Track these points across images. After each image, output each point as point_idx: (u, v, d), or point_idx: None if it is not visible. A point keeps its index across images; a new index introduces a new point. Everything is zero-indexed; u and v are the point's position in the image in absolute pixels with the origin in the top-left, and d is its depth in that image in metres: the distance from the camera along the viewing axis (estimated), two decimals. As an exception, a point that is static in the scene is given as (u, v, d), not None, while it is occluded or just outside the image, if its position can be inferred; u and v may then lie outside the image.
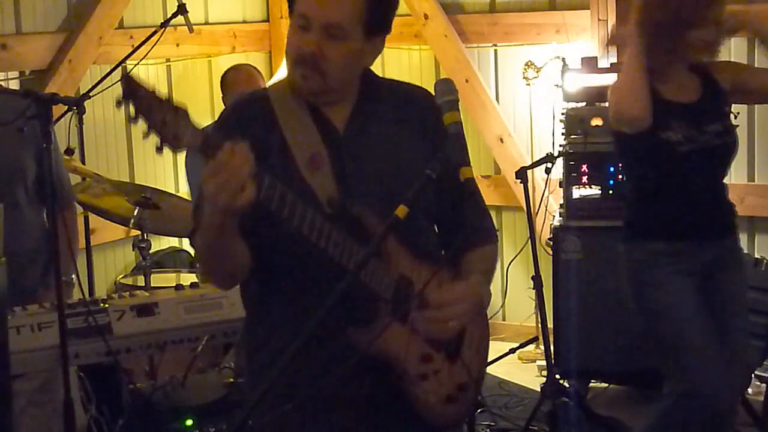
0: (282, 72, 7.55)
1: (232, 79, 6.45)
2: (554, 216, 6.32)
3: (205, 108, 7.55)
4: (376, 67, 3.00)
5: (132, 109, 2.50)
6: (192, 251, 6.47)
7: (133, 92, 2.50)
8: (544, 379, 5.45)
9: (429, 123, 3.00)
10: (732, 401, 4.49)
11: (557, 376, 5.79)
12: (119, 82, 2.53)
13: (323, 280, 2.77)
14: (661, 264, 4.39)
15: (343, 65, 2.85)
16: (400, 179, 2.79)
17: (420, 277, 2.92)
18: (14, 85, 6.22)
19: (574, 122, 6.02)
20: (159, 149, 2.60)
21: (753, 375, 5.68)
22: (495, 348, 5.14)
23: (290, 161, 2.87)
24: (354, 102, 2.96)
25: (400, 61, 7.57)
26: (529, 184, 5.44)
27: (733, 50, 6.70)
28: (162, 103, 2.53)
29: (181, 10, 5.95)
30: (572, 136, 6.01)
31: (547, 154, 5.87)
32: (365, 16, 2.84)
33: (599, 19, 6.94)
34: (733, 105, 5.26)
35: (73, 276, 4.40)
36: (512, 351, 6.08)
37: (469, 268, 3.04)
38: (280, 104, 2.98)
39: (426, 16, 7.46)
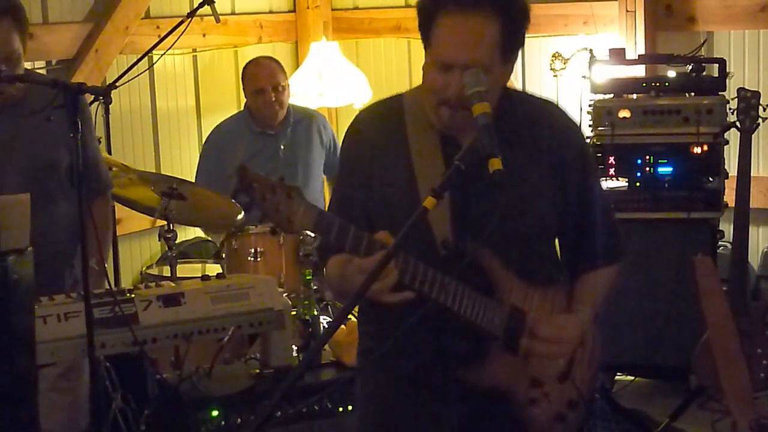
0: (308, 63, 7.55)
1: (252, 74, 6.46)
2: (581, 208, 6.29)
3: (231, 98, 7.56)
4: (404, 59, 2.99)
5: (247, 200, 2.60)
6: (218, 242, 6.49)
7: (247, 184, 2.58)
8: (570, 371, 5.43)
9: (558, 144, 3.01)
10: None
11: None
12: (234, 175, 2.62)
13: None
14: None
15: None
16: (523, 213, 2.80)
17: (533, 306, 2.96)
18: (41, 74, 6.24)
19: (601, 114, 5.98)
20: (273, 232, 2.72)
21: None
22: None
23: (414, 194, 2.91)
24: None
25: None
26: (556, 176, 5.42)
27: (762, 42, 6.68)
28: (275, 189, 2.61)
29: (208, 0, 5.94)
30: (599, 128, 5.98)
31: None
32: (502, 45, 2.83)
33: (627, 10, 6.90)
34: (761, 98, 5.25)
35: (95, 265, 4.39)
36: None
37: (581, 296, 3.09)
38: (413, 123, 3.00)
39: (453, 7, 7.42)
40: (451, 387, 2.95)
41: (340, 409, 4.78)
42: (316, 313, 5.11)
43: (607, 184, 6.02)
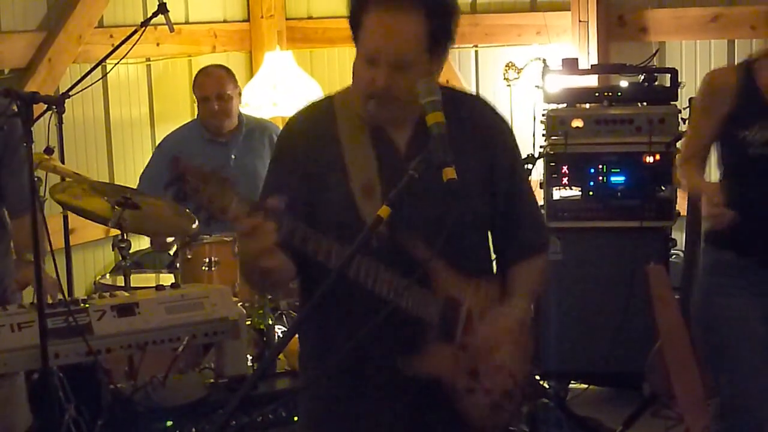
0: (262, 73, 7.55)
1: (198, 83, 6.43)
2: (534, 217, 6.31)
3: (185, 107, 7.53)
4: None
5: (181, 190, 2.61)
6: (171, 252, 6.46)
7: (180, 175, 2.60)
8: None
9: (486, 137, 3.08)
10: None
11: (537, 377, 5.80)
12: (170, 165, 2.63)
13: (362, 304, 2.86)
14: (725, 275, 4.14)
15: (414, 91, 2.85)
16: (453, 203, 2.84)
17: (468, 296, 2.99)
18: (-7, 83, 6.20)
19: (554, 123, 6.02)
20: (207, 222, 2.72)
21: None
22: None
23: (346, 185, 2.96)
24: (416, 119, 2.96)
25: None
26: (510, 185, 5.44)
27: (714, 52, 6.74)
28: (208, 179, 2.65)
29: (162, 9, 5.92)
30: (553, 138, 6.01)
31: (527, 155, 5.88)
32: (429, 40, 2.91)
33: (580, 21, 6.95)
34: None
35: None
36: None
37: (514, 288, 3.13)
38: (344, 119, 3.04)
39: (407, 17, 7.44)
40: (390, 377, 2.97)
41: (295, 418, 4.77)
42: (270, 322, 5.10)
43: (560, 193, 6.05)
